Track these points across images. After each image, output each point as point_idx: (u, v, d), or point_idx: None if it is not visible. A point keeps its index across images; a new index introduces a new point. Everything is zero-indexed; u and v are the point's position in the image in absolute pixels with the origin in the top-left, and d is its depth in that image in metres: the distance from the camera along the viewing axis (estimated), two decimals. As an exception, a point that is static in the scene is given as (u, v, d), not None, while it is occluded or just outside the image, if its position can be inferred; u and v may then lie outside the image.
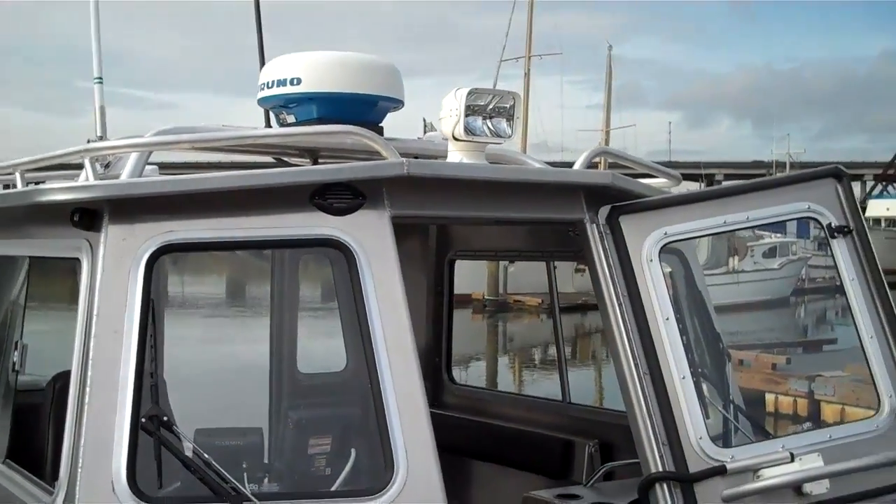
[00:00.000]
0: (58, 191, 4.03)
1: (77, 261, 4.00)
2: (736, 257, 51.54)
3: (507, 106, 4.54)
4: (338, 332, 6.57)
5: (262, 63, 5.32)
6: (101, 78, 4.42)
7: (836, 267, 4.72)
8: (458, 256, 6.92)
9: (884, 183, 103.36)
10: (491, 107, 4.51)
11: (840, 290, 4.75)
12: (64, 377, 4.41)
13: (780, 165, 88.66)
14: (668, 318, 4.45)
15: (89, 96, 4.45)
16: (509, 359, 34.43)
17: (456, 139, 4.52)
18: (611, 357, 4.53)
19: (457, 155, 4.56)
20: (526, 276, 45.26)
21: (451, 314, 7.01)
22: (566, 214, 4.62)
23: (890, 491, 4.55)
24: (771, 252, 56.70)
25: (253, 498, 3.62)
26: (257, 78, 5.02)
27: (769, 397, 20.70)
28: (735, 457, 4.34)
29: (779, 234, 62.36)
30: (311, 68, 4.78)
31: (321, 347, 6.93)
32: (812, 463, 4.35)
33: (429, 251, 6.89)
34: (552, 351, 35.21)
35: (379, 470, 3.77)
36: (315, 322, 6.71)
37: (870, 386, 4.67)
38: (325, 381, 6.36)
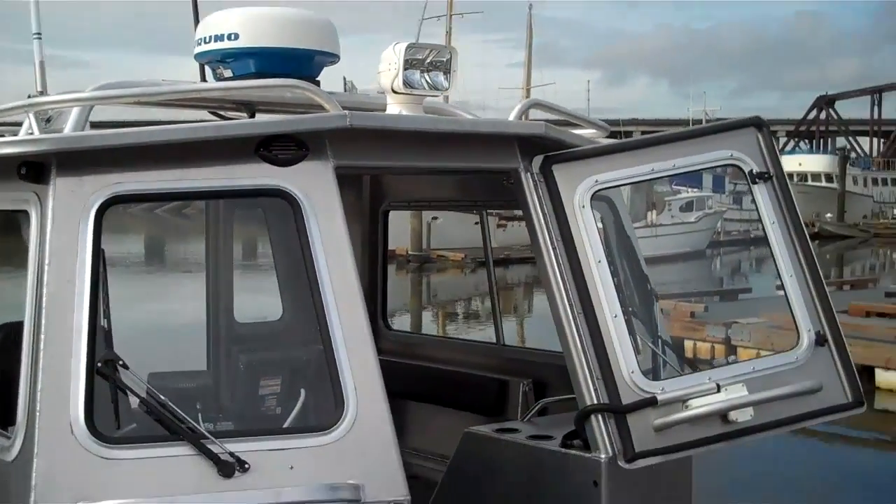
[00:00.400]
0: (4, 144, 4.08)
1: (25, 213, 4.06)
2: (654, 211, 52.43)
3: (444, 60, 4.71)
4: (263, 287, 6.69)
5: (197, 19, 5.37)
6: (39, 33, 4.45)
7: (757, 211, 4.97)
8: (392, 207, 7.08)
9: (796, 139, 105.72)
10: (428, 60, 4.68)
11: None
12: (6, 329, 4.48)
13: (697, 123, 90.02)
14: (599, 261, 4.66)
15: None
16: (433, 313, 34.74)
17: (395, 92, 4.68)
18: (547, 298, 4.73)
19: (395, 107, 4.72)
20: (449, 232, 45.58)
21: (385, 264, 7.19)
22: (501, 164, 4.80)
23: (808, 417, 4.85)
24: (688, 206, 57.84)
25: (209, 435, 3.75)
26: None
27: (688, 343, 21.38)
28: (665, 389, 4.59)
29: (695, 189, 63.60)
30: (248, 23, 4.87)
31: (250, 301, 7.04)
32: (737, 393, 4.62)
33: (363, 203, 7.03)
34: (475, 305, 35.72)
35: (329, 408, 3.93)
36: (241, 278, 6.81)
37: (783, 331, 4.95)
38: (263, 330, 6.50)
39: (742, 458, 13.04)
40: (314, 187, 4.12)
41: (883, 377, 19.72)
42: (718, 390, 4.59)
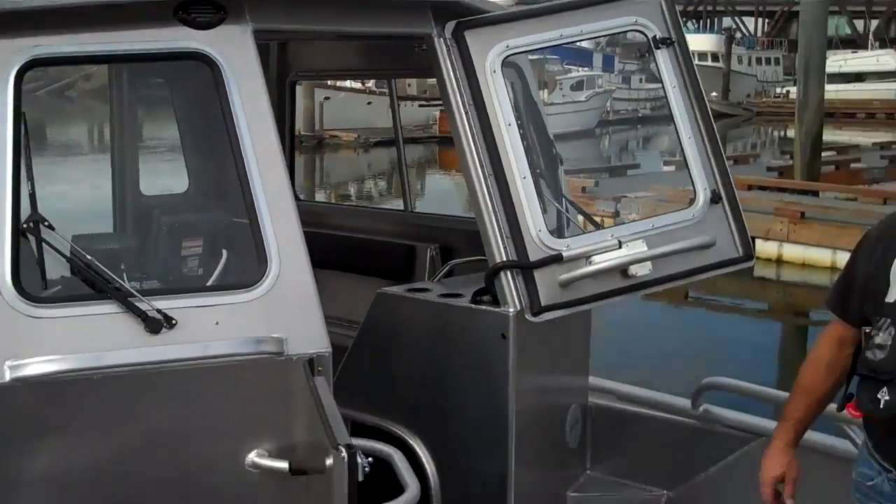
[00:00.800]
0: None
1: None
2: (545, 90, 52.70)
3: None
4: (155, 168, 6.68)
5: None
6: None
7: (659, 76, 5.18)
8: (300, 78, 7.10)
9: (683, 19, 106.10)
10: None
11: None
12: None
13: None
14: (510, 124, 4.82)
15: None
16: (326, 194, 34.71)
17: None
18: (459, 161, 4.90)
19: None
20: (341, 112, 45.19)
21: (293, 137, 7.25)
22: (416, 28, 4.89)
23: (701, 271, 5.16)
24: (578, 85, 58.24)
25: (136, 293, 3.84)
26: None
27: (579, 218, 21.88)
28: (570, 246, 4.81)
29: (585, 68, 63.99)
30: None
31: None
32: (637, 248, 4.86)
33: (269, 75, 7.03)
34: (367, 185, 35.54)
35: (252, 266, 4.05)
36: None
37: (669, 204, 5.19)
38: (172, 200, 6.54)
39: (624, 325, 13.62)
40: (233, 51, 4.16)
41: (763, 247, 20.63)
42: (620, 246, 4.83)
